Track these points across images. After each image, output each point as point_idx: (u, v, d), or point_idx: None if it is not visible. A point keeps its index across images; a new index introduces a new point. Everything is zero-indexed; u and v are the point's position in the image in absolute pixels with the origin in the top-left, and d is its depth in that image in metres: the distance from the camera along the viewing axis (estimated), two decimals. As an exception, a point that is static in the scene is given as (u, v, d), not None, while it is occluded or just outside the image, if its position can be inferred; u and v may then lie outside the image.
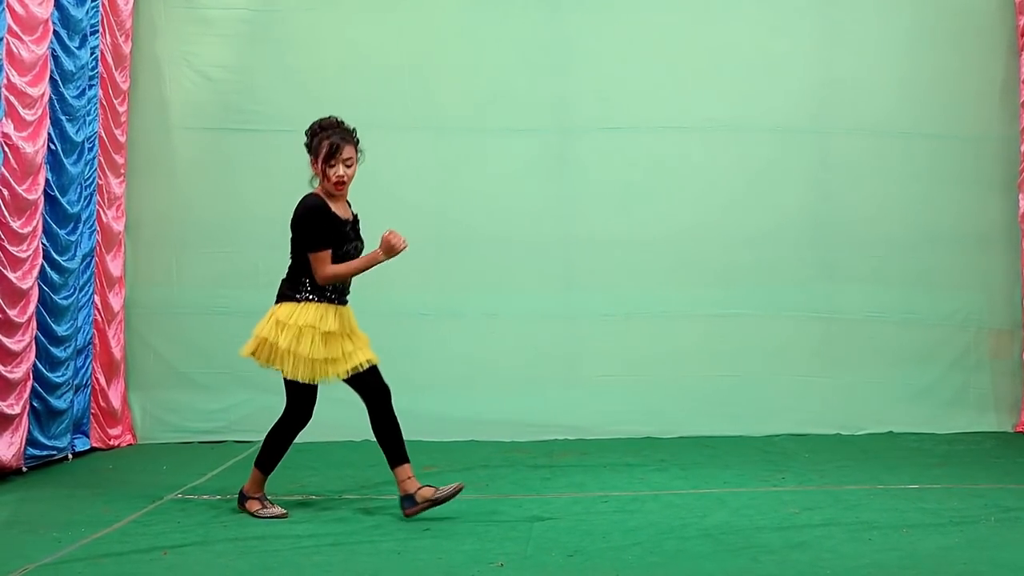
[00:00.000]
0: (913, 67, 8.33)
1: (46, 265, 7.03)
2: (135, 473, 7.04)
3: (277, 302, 5.62)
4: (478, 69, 8.30)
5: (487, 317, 8.25)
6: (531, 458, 7.33)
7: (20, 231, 6.71)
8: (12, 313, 6.64)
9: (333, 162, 5.49)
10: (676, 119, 8.24)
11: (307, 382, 5.59)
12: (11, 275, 6.63)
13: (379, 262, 5.58)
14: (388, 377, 7.87)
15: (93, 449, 7.77)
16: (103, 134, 7.79)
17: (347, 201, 5.72)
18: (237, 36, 8.34)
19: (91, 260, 7.74)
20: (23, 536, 5.28)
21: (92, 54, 7.57)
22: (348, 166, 5.53)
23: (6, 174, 6.55)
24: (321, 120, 5.62)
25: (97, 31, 7.63)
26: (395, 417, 5.74)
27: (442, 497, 5.56)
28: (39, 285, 6.94)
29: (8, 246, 6.60)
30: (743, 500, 5.89)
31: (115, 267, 8.05)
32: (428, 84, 8.30)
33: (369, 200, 7.85)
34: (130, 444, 8.09)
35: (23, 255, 6.74)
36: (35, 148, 6.79)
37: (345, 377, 5.64)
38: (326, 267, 5.49)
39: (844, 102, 8.32)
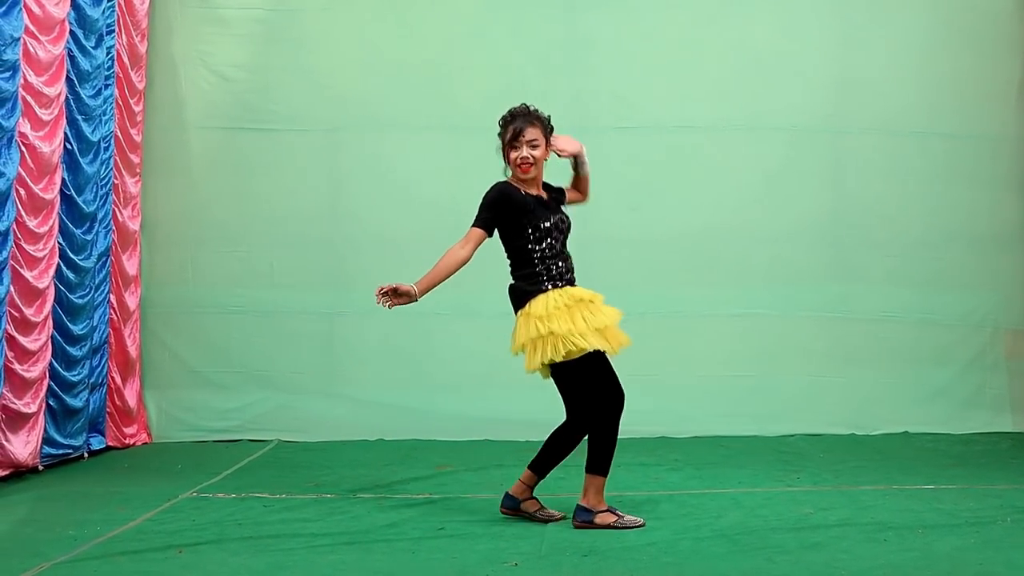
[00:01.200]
0: (929, 66, 8.33)
1: (62, 264, 7.05)
2: (150, 472, 7.06)
3: (518, 307, 5.51)
4: (493, 68, 8.30)
5: (502, 317, 7.79)
6: (545, 457, 7.33)
7: (36, 230, 6.73)
8: (28, 312, 6.66)
9: (516, 144, 5.43)
10: (691, 118, 8.26)
11: (603, 350, 5.29)
12: (27, 274, 6.65)
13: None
14: (402, 376, 8.29)
15: (109, 448, 7.79)
16: (119, 133, 7.82)
17: (546, 183, 5.60)
18: (253, 36, 8.37)
19: (107, 259, 7.76)
20: (39, 534, 5.29)
21: (108, 54, 7.60)
22: (533, 147, 5.42)
23: (23, 173, 6.56)
24: (511, 109, 5.57)
25: (113, 31, 7.66)
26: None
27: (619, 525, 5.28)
28: (55, 284, 6.96)
29: (24, 245, 6.62)
30: (758, 500, 5.87)
31: (131, 266, 8.08)
32: (443, 83, 8.32)
33: (385, 197, 8.30)
34: (145, 443, 8.12)
35: (39, 254, 6.76)
36: (51, 148, 6.81)
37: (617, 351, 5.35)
38: (468, 246, 5.49)
39: (860, 101, 8.33)
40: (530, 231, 5.39)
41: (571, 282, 5.48)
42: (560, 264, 5.43)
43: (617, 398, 5.37)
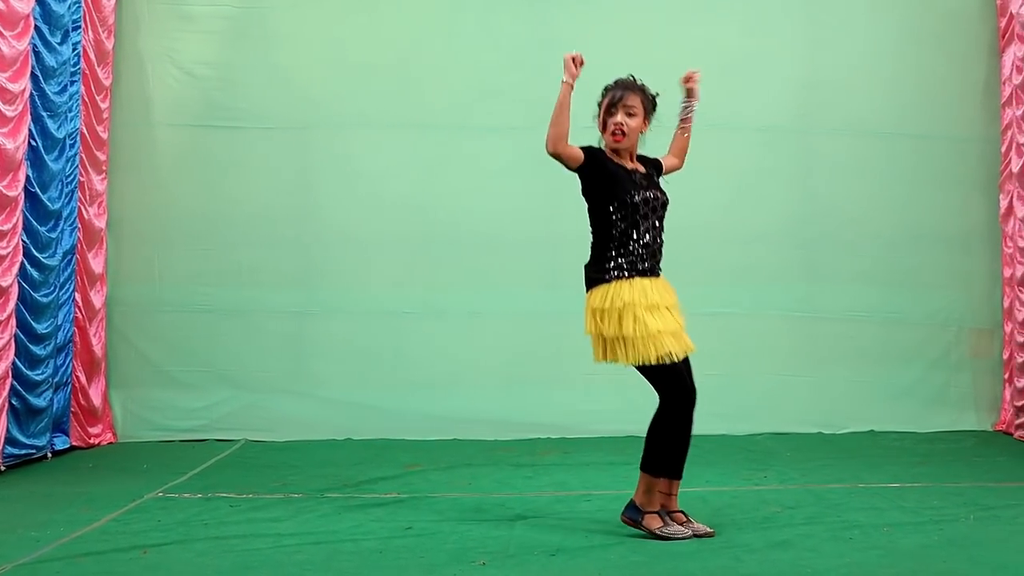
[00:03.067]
0: (897, 68, 8.38)
1: (26, 262, 6.99)
2: (115, 472, 7.00)
3: (588, 289, 5.14)
4: (462, 66, 8.31)
5: (471, 315, 8.27)
6: (514, 457, 7.33)
7: (0, 228, 6.66)
8: (-8, 310, 6.60)
9: (613, 110, 5.18)
10: (660, 118, 8.11)
11: (661, 362, 4.94)
12: (-9, 272, 6.60)
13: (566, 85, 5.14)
14: (371, 375, 8.28)
15: (73, 448, 7.73)
16: (85, 130, 7.76)
17: (642, 155, 5.34)
18: (220, 33, 8.32)
19: (72, 257, 7.71)
20: (1, 536, 5.23)
21: (74, 50, 7.54)
22: (630, 115, 5.15)
23: (-14, 170, 6.51)
24: (615, 80, 5.31)
25: (79, 27, 7.59)
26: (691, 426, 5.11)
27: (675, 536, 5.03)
28: (19, 282, 6.89)
29: (-12, 243, 6.57)
30: (725, 499, 5.89)
31: (96, 264, 8.02)
32: (412, 81, 8.31)
33: (354, 196, 8.29)
34: (110, 443, 8.05)
35: (3, 252, 6.69)
36: (16, 144, 6.75)
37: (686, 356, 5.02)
38: (563, 141, 5.09)
39: (828, 102, 8.37)
40: (615, 205, 5.08)
41: (650, 271, 5.11)
42: (641, 248, 5.07)
43: (686, 396, 5.04)
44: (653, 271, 5.14)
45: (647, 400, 7.60)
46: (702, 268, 8.14)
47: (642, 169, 5.28)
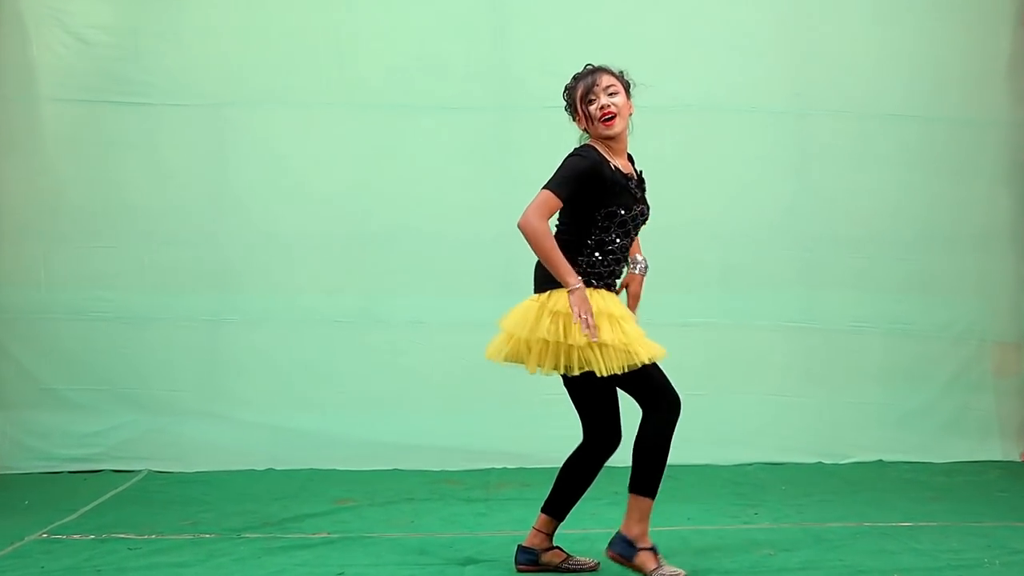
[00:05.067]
0: (907, 39, 8.32)
1: None
2: (-8, 509, 6.88)
3: (538, 289, 5.21)
4: (404, 34, 8.22)
5: (414, 325, 8.21)
6: (464, 490, 7.31)
7: None
8: None
9: (591, 97, 5.15)
10: (633, 98, 8.11)
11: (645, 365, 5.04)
12: None
13: (569, 291, 5.01)
14: (297, 395, 8.20)
15: (-57, 480, 7.60)
16: (-44, 106, 7.62)
17: (630, 155, 5.40)
18: (122, -6, 8.23)
19: (-58, 255, 7.55)
20: None
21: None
22: (611, 94, 5.14)
23: None
24: (574, 74, 5.32)
25: (-53, -17, 7.46)
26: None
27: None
28: None
29: None
30: (710, 540, 5.86)
31: (-29, 264, 7.89)
32: (347, 53, 8.23)
33: (278, 185, 8.21)
34: (-14, 474, 7.92)
35: None
36: None
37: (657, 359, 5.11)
38: (542, 214, 5.05)
39: (826, 79, 8.31)
40: (603, 213, 5.13)
41: (611, 286, 5.27)
42: (611, 263, 5.21)
43: (673, 402, 5.16)
44: (611, 286, 5.28)
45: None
46: (681, 272, 8.09)
47: (636, 174, 5.34)
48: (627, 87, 5.29)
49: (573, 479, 5.33)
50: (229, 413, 8.17)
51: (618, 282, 5.34)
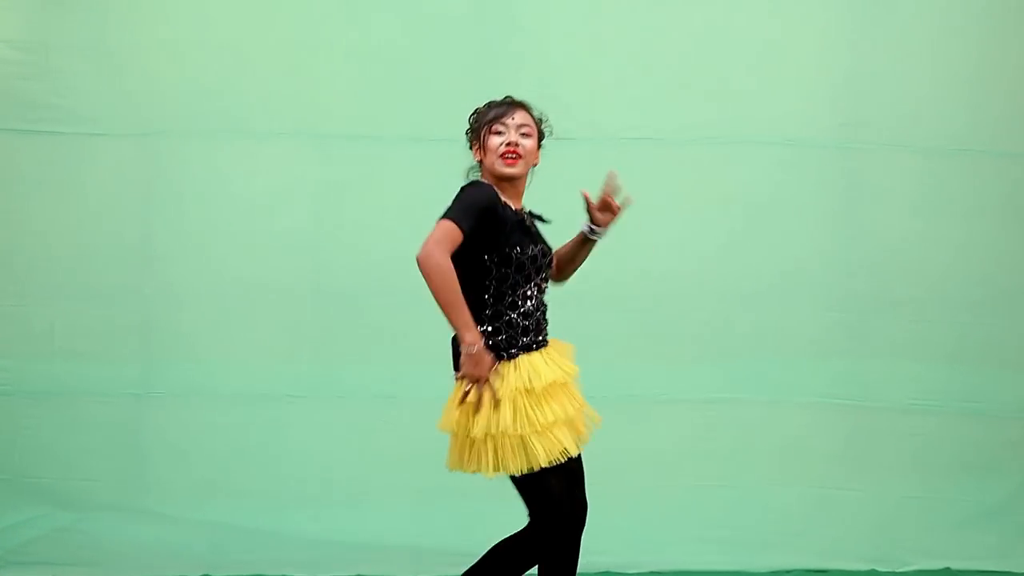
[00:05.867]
0: (970, 61, 7.96)
1: None
2: None
3: (456, 366, 5.18)
4: (371, 58, 7.90)
5: (379, 400, 7.79)
6: (441, 601, 6.94)
7: None
8: None
9: (502, 128, 5.10)
10: (646, 127, 7.86)
11: (549, 465, 5.03)
12: None
13: (464, 346, 5.02)
14: (240, 484, 7.76)
15: None
16: None
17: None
18: (30, 0, 7.87)
19: None
20: None
21: None
22: (523, 135, 5.09)
23: None
24: (489, 100, 5.28)
25: None
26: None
27: None
28: None
29: None
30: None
31: None
32: (302, 75, 7.86)
33: (217, 235, 7.74)
34: None
35: None
36: None
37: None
38: (443, 250, 4.85)
39: (878, 107, 7.93)
40: (496, 259, 4.98)
41: (540, 344, 5.12)
42: (522, 319, 5.05)
43: (561, 523, 5.15)
44: (540, 343, 5.16)
45: (627, 521, 7.53)
46: (706, 338, 7.85)
47: (528, 217, 5.26)
48: (541, 136, 5.24)
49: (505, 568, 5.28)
50: (155, 507, 7.73)
51: (547, 337, 5.21)
